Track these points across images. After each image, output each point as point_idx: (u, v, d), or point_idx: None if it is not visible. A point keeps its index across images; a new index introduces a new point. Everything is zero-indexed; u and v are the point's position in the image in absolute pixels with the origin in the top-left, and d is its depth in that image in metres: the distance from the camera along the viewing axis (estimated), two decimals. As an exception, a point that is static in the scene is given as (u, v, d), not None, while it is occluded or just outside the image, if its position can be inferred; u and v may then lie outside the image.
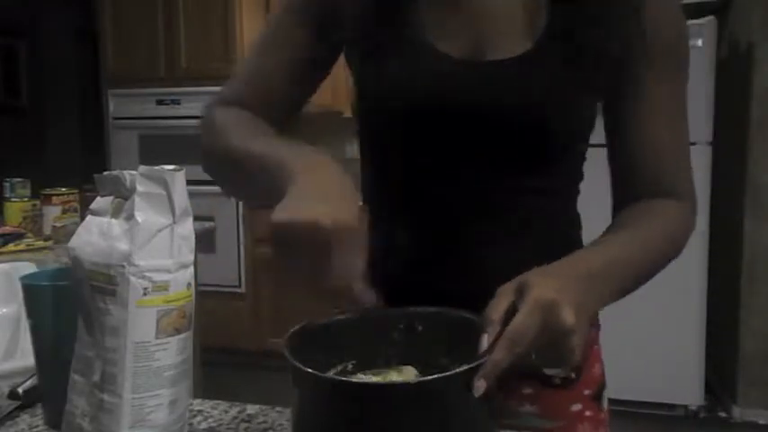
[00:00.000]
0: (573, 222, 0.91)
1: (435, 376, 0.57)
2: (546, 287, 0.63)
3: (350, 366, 0.71)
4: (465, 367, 0.58)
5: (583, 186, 0.92)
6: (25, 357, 0.92)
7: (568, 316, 0.62)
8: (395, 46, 0.81)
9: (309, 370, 0.58)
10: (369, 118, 0.88)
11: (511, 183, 0.82)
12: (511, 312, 0.63)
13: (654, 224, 0.82)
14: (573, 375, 0.87)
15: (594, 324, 0.92)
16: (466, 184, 0.82)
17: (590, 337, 0.90)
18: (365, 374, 0.69)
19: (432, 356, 0.70)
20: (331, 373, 0.69)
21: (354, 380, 0.66)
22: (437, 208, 0.84)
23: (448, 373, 0.57)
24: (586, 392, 0.88)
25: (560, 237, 0.88)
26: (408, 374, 0.68)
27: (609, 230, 0.82)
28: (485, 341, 0.61)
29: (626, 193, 0.87)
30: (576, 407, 0.87)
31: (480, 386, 0.58)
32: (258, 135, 0.80)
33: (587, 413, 0.88)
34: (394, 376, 0.67)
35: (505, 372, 0.60)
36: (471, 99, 0.79)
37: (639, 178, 0.85)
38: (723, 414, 3.34)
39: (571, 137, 0.84)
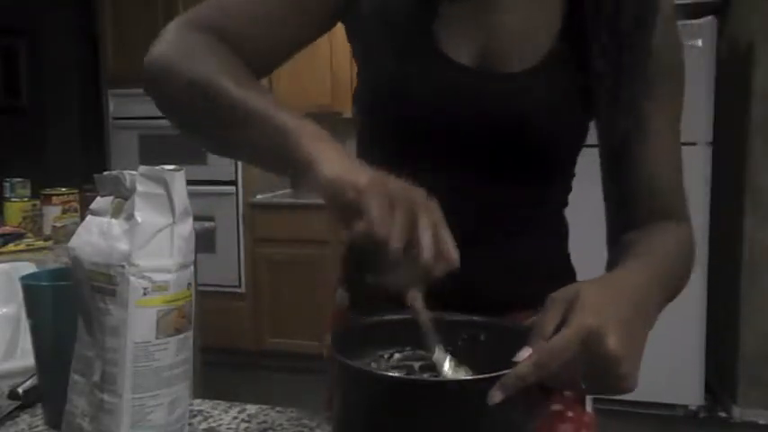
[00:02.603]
0: (563, 231, 0.92)
1: (455, 378, 0.59)
2: (594, 312, 0.60)
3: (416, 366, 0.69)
4: (484, 375, 0.57)
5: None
6: (25, 357, 0.92)
7: (613, 344, 0.59)
8: (407, 50, 0.80)
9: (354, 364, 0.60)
10: (372, 117, 0.87)
11: (509, 192, 0.83)
12: (559, 327, 0.61)
13: (673, 247, 0.82)
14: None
15: None
16: (464, 190, 0.82)
17: None
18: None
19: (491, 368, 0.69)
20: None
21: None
22: None
23: (469, 378, 0.58)
24: (567, 394, 0.87)
25: (552, 245, 0.90)
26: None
27: (633, 250, 0.79)
28: (524, 353, 0.59)
29: (626, 216, 0.87)
30: (557, 407, 0.87)
31: (496, 395, 0.56)
32: (250, 83, 0.74)
33: (569, 414, 0.87)
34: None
35: (538, 387, 0.59)
36: (478, 108, 0.79)
37: (641, 203, 0.85)
38: (723, 414, 3.35)
39: (568, 152, 0.86)
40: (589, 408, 0.91)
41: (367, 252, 0.60)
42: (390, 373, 0.65)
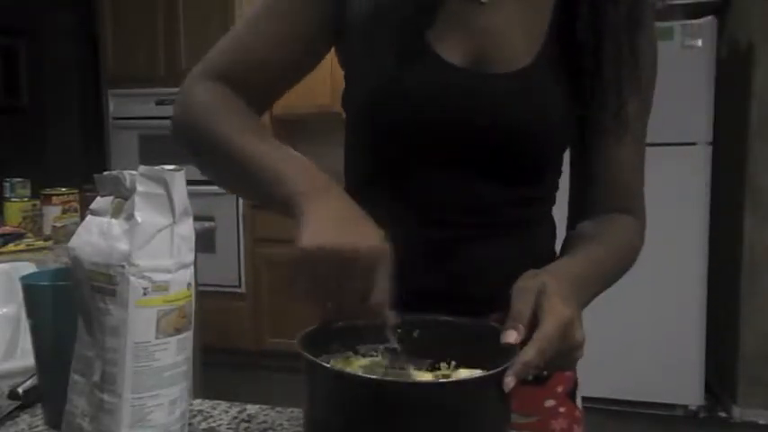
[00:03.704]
0: (551, 229, 0.94)
1: (477, 376, 0.60)
2: (565, 302, 0.66)
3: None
4: (502, 367, 0.59)
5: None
6: (25, 357, 0.92)
7: (580, 332, 0.66)
8: (399, 50, 0.81)
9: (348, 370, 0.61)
10: (365, 119, 0.87)
11: (500, 191, 0.85)
12: (533, 315, 0.65)
13: (620, 237, 0.88)
14: (545, 373, 0.89)
15: None
16: (455, 188, 0.84)
17: None
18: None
19: (429, 362, 0.71)
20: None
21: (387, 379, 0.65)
22: (424, 209, 0.85)
23: (489, 373, 0.59)
24: (559, 389, 0.90)
25: (541, 243, 0.92)
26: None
27: (580, 239, 0.86)
28: (511, 337, 0.63)
29: (587, 207, 0.91)
30: (550, 402, 0.89)
31: (510, 382, 0.59)
32: (252, 130, 0.79)
33: (561, 409, 0.90)
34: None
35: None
36: (470, 109, 0.81)
37: (604, 195, 0.90)
38: (723, 414, 3.35)
39: (557, 151, 0.89)
40: (579, 403, 0.93)
41: None
42: (366, 375, 0.65)
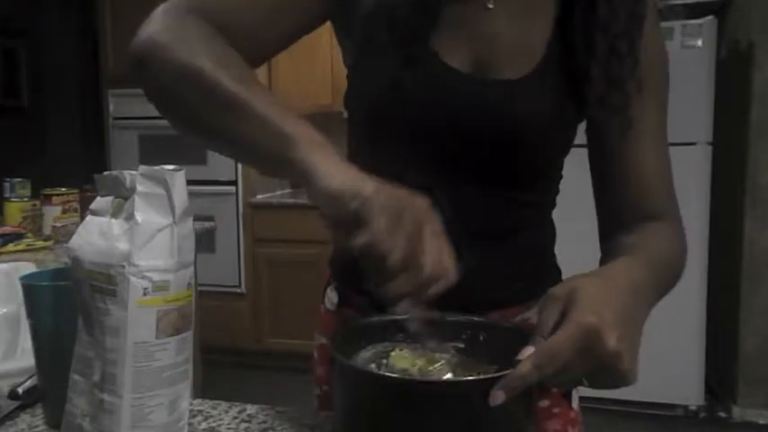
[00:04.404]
0: (551, 232, 0.94)
1: (462, 378, 0.60)
2: (592, 309, 0.60)
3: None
4: (487, 376, 0.58)
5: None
6: (25, 357, 0.92)
7: (611, 340, 0.59)
8: (405, 55, 0.81)
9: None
10: (367, 120, 0.87)
11: (500, 194, 0.85)
12: (558, 324, 0.61)
13: (666, 246, 0.84)
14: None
15: None
16: (454, 191, 0.83)
17: None
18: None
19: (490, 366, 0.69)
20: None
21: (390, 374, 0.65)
22: None
23: (470, 378, 0.58)
24: (554, 390, 0.88)
25: (540, 246, 0.92)
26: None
27: (621, 251, 0.80)
28: (526, 352, 0.59)
29: (617, 217, 0.88)
30: (544, 403, 0.88)
31: (497, 396, 0.56)
32: (249, 78, 0.72)
33: (555, 410, 0.89)
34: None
35: (538, 385, 0.59)
36: (472, 114, 0.81)
37: (633, 203, 0.87)
38: (723, 414, 3.34)
39: (556, 156, 0.88)
40: (575, 404, 0.92)
41: (364, 262, 0.59)
42: (391, 374, 0.65)
